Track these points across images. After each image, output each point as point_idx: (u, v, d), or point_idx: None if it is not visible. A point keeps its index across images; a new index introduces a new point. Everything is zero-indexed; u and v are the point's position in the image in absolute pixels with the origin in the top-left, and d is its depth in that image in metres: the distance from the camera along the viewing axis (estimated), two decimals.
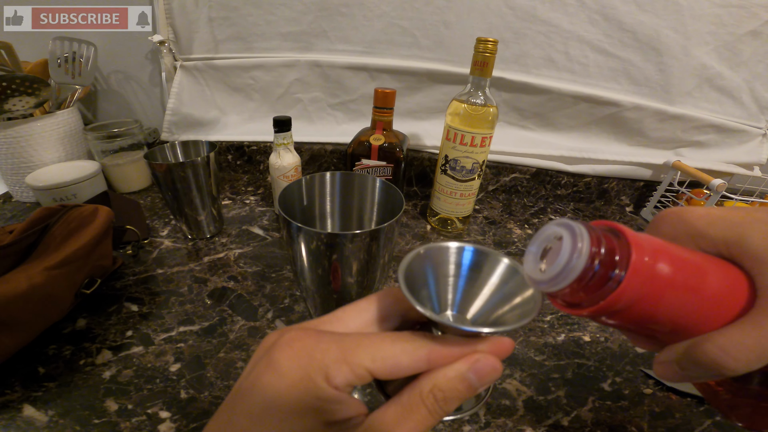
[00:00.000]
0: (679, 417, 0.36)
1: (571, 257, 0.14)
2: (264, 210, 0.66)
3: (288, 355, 0.15)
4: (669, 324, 0.16)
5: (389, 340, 0.16)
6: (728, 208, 0.17)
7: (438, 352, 0.16)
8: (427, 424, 0.15)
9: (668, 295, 0.15)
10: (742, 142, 0.72)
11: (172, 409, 0.33)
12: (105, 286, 0.46)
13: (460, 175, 0.57)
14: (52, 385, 0.35)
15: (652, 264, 0.14)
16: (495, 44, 0.48)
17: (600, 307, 0.15)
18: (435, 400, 0.15)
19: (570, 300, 0.16)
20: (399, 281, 0.17)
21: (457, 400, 0.16)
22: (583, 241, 0.14)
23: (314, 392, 0.15)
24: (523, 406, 0.36)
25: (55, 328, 0.40)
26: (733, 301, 0.15)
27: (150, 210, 0.64)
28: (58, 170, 0.60)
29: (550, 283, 0.15)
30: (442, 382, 0.16)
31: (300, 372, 0.15)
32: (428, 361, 0.16)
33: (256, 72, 0.72)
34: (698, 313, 0.15)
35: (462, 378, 0.16)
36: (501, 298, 0.19)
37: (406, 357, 0.15)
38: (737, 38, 0.62)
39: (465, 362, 0.16)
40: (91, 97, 0.81)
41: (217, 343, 0.40)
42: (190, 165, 0.49)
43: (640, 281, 0.14)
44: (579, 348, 0.43)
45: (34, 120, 0.60)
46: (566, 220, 0.15)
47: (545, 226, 0.16)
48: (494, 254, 0.19)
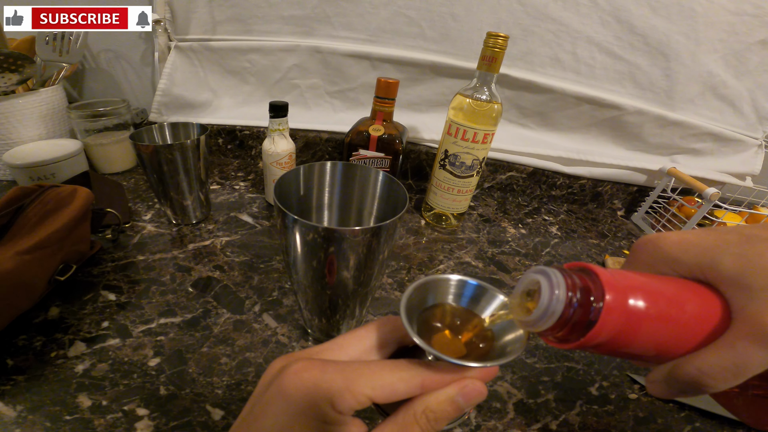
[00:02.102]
0: (661, 423, 0.37)
1: (550, 302, 0.16)
2: (254, 197, 0.64)
3: (297, 384, 0.17)
4: (650, 350, 0.17)
5: (388, 369, 0.18)
6: (700, 232, 0.18)
7: (431, 379, 0.18)
8: None
9: (645, 326, 0.16)
10: (737, 151, 0.72)
11: (150, 407, 0.32)
12: (81, 272, 0.44)
13: (459, 171, 0.56)
14: (20, 379, 0.33)
15: (625, 300, 0.16)
16: (506, 40, 0.47)
17: (582, 343, 0.16)
18: (427, 420, 0.17)
19: (557, 336, 0.18)
20: (401, 313, 0.18)
21: (446, 420, 0.18)
22: (559, 288, 0.16)
23: (321, 417, 0.16)
24: (514, 409, 0.36)
25: (26, 317, 0.38)
26: (709, 324, 0.16)
27: (133, 192, 0.62)
28: (38, 148, 0.57)
29: (535, 325, 0.17)
30: (433, 404, 0.18)
31: (309, 400, 0.16)
32: (422, 387, 0.18)
33: (254, 55, 0.70)
34: (676, 339, 0.17)
35: (451, 401, 0.18)
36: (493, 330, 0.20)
37: (402, 384, 0.17)
38: (747, 47, 0.62)
39: (454, 387, 0.18)
40: (78, 76, 0.78)
41: (200, 336, 0.38)
42: (178, 147, 0.47)
43: (615, 317, 0.16)
44: (568, 351, 0.42)
45: (15, 97, 0.58)
46: (543, 267, 0.17)
47: (525, 274, 0.18)
48: (492, 290, 0.21)
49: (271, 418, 0.17)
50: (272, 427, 0.17)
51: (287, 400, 0.17)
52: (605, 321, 0.16)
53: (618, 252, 0.63)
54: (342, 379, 0.17)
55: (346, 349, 0.20)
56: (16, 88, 0.59)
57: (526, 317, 0.17)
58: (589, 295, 0.16)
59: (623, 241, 0.67)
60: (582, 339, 0.16)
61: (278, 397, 0.17)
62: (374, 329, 0.20)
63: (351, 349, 0.20)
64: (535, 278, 0.17)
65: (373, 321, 0.21)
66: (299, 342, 0.39)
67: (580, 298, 0.16)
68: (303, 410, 0.16)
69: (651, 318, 0.16)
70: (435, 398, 0.18)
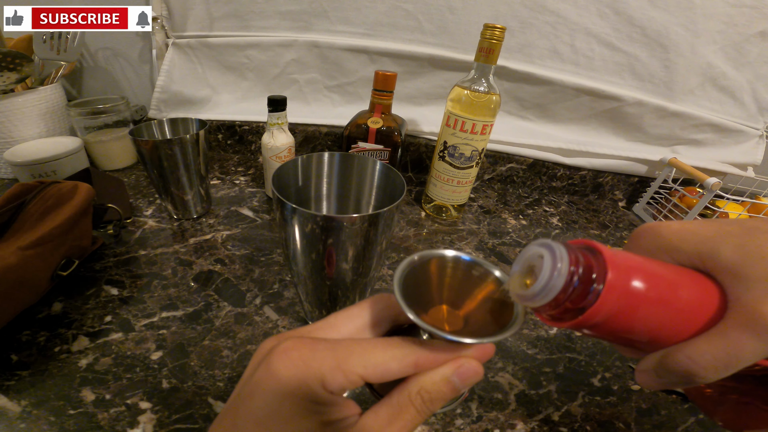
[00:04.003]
0: (665, 414, 0.37)
1: (551, 276, 0.16)
2: (254, 191, 0.64)
3: (286, 364, 0.16)
4: (645, 335, 0.17)
5: (380, 347, 0.17)
6: (701, 222, 0.18)
7: (425, 357, 0.17)
8: (415, 422, 0.17)
9: (642, 309, 0.16)
10: (738, 142, 0.72)
11: (153, 400, 0.32)
12: (83, 267, 0.44)
13: (459, 162, 0.56)
14: (25, 374, 0.33)
15: (627, 280, 0.16)
16: (502, 31, 0.47)
17: (579, 321, 0.16)
18: (422, 401, 0.17)
19: (552, 314, 0.17)
20: (394, 289, 0.18)
21: (442, 400, 0.17)
22: (562, 261, 0.16)
23: (312, 397, 0.16)
24: (515, 400, 0.36)
25: (29, 313, 0.38)
26: (704, 313, 0.16)
27: (134, 188, 0.62)
28: (38, 146, 0.57)
29: (533, 299, 0.16)
30: (428, 384, 0.17)
31: (298, 380, 0.16)
32: (416, 366, 0.17)
33: (252, 51, 0.70)
34: (672, 325, 0.16)
35: (447, 381, 0.17)
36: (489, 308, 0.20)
37: (395, 363, 0.17)
38: (746, 38, 0.62)
39: (450, 367, 0.17)
40: (76, 74, 0.78)
41: (202, 329, 0.38)
42: (177, 142, 0.47)
43: (615, 297, 0.15)
44: (570, 342, 0.42)
45: (14, 95, 0.58)
46: (547, 240, 0.17)
47: (528, 246, 0.18)
48: (487, 266, 0.20)
49: (260, 400, 0.16)
50: (261, 408, 0.16)
51: (276, 381, 0.16)
52: (605, 300, 0.15)
53: (619, 243, 0.63)
54: (333, 357, 0.16)
55: (337, 328, 0.19)
56: (15, 86, 0.59)
57: (524, 291, 0.17)
58: (591, 272, 0.16)
59: (624, 232, 0.67)
60: (580, 317, 0.16)
61: (267, 378, 0.16)
62: (367, 307, 0.20)
63: (343, 328, 0.19)
64: (539, 251, 0.17)
65: (366, 299, 0.20)
66: None
67: (582, 275, 0.16)
68: (292, 390, 0.16)
69: (650, 301, 0.16)
70: (430, 378, 0.17)
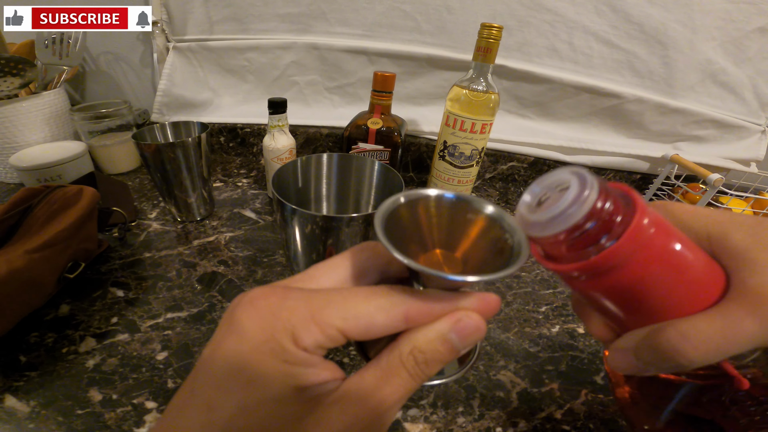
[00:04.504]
0: None
1: (575, 200, 0.14)
2: (256, 193, 0.65)
3: (250, 314, 0.14)
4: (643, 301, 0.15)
5: (362, 296, 0.15)
6: (713, 209, 0.18)
7: (417, 309, 0.15)
8: (408, 387, 0.15)
9: (654, 268, 0.15)
10: (741, 138, 0.71)
11: (158, 399, 0.32)
12: (89, 270, 0.45)
13: (459, 162, 0.56)
14: (33, 375, 0.33)
15: (651, 231, 0.14)
16: (500, 30, 0.47)
17: (586, 264, 0.14)
18: (415, 363, 0.14)
19: (551, 251, 0.16)
20: (376, 230, 0.15)
21: (439, 362, 0.15)
22: (591, 190, 0.14)
23: (281, 355, 0.13)
24: (517, 398, 0.36)
25: (37, 315, 0.39)
26: (707, 292, 0.15)
27: (138, 191, 0.62)
28: (43, 151, 0.58)
29: (543, 225, 0.14)
30: (422, 343, 0.15)
31: (264, 333, 0.13)
32: (406, 320, 0.15)
33: (252, 54, 0.71)
34: (675, 296, 0.15)
35: (443, 339, 0.15)
36: (486, 248, 0.17)
37: (381, 315, 0.14)
38: (744, 34, 0.61)
39: (446, 321, 0.15)
40: (79, 78, 0.79)
41: (206, 330, 0.39)
42: (180, 145, 0.47)
43: (635, 243, 0.14)
44: (573, 340, 0.42)
45: (18, 100, 0.59)
46: (578, 168, 0.15)
47: (555, 171, 0.15)
48: (478, 202, 0.18)
49: (220, 360, 0.14)
50: (221, 369, 0.14)
51: (238, 335, 0.14)
52: (625, 242, 0.14)
53: None
54: (306, 307, 0.14)
55: (317, 279, 0.16)
56: (19, 91, 0.60)
57: (536, 214, 0.15)
58: (617, 214, 0.14)
59: None
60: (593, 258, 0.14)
61: (228, 333, 0.14)
62: (351, 256, 0.17)
63: (324, 279, 0.16)
64: (566, 177, 0.15)
65: (351, 248, 0.17)
66: None
67: (607, 213, 0.14)
68: (257, 346, 0.13)
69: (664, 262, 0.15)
70: (424, 336, 0.15)
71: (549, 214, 0.14)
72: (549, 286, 0.50)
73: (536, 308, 0.46)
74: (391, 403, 0.14)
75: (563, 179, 0.15)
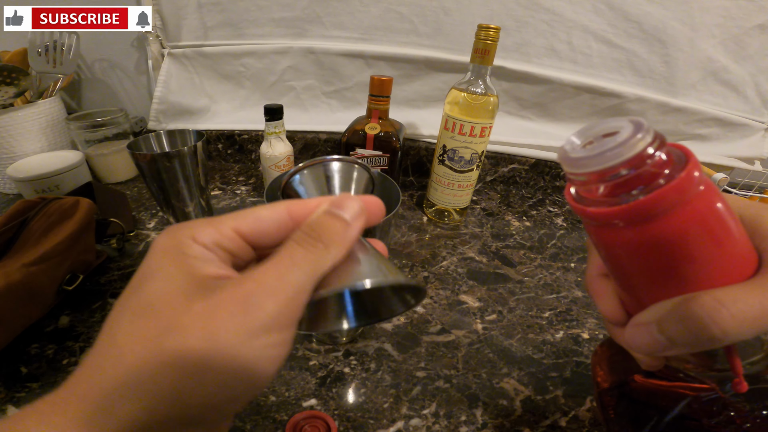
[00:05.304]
0: None
1: (629, 139, 0.14)
2: (256, 200, 0.64)
3: (162, 236, 0.16)
4: (673, 263, 0.15)
5: (253, 208, 0.17)
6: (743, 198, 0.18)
7: (297, 204, 0.17)
8: (308, 261, 0.15)
9: (695, 227, 0.14)
10: (744, 136, 0.71)
11: None
12: (89, 281, 0.44)
13: (459, 166, 0.55)
14: (35, 386, 0.33)
15: (700, 187, 0.14)
16: (497, 31, 0.47)
17: (631, 206, 0.14)
18: (309, 236, 0.16)
19: (587, 194, 0.15)
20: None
21: (335, 234, 0.16)
22: (647, 133, 0.14)
23: (180, 248, 0.15)
24: (521, 405, 0.35)
25: (37, 326, 0.39)
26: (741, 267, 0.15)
27: (136, 201, 0.62)
28: (40, 161, 0.58)
29: (588, 160, 0.14)
30: (310, 221, 0.17)
31: (171, 242, 0.15)
32: (288, 211, 0.17)
33: (248, 59, 0.70)
34: (709, 264, 0.14)
35: (328, 212, 0.17)
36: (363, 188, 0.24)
37: (266, 210, 0.17)
38: (744, 32, 0.61)
39: (325, 200, 0.17)
40: (74, 86, 0.79)
41: None
42: (175, 155, 0.47)
43: (683, 194, 0.14)
44: (578, 345, 0.42)
45: (14, 110, 0.58)
46: (637, 118, 0.15)
47: (611, 118, 0.15)
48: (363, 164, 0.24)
49: (138, 274, 0.15)
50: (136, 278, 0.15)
51: (153, 250, 0.16)
52: (671, 190, 0.13)
53: None
54: (206, 221, 0.16)
55: None
56: (13, 101, 0.60)
57: (584, 150, 0.15)
58: (667, 165, 0.14)
59: None
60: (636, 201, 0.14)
61: (147, 256, 0.16)
62: None
63: None
64: (620, 124, 0.15)
65: None
66: (303, 344, 0.39)
67: (657, 159, 0.14)
68: (163, 248, 0.15)
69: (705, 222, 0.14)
70: (311, 216, 0.17)
71: (601, 149, 0.14)
72: (552, 291, 0.49)
73: (539, 313, 0.46)
74: (293, 281, 0.15)
75: (617, 125, 0.15)
